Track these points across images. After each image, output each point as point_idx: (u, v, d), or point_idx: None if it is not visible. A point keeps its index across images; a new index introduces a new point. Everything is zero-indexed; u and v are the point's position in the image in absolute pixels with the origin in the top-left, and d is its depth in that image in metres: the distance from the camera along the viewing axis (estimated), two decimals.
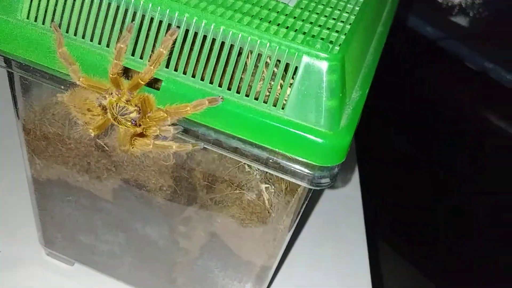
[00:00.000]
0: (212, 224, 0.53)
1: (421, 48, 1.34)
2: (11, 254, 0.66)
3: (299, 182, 0.43)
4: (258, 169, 0.52)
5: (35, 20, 0.44)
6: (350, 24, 0.44)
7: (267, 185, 0.51)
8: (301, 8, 0.44)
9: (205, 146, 0.43)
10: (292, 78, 0.40)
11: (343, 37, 0.42)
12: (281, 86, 0.41)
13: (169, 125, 0.42)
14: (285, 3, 0.44)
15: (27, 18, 0.44)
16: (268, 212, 0.51)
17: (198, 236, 0.55)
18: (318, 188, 0.43)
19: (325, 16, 0.44)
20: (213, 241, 0.55)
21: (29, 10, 0.44)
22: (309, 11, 0.44)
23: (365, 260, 0.74)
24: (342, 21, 0.44)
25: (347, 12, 0.45)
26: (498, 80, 1.27)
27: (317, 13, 0.44)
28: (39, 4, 0.44)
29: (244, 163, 0.53)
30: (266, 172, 0.52)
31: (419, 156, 1.22)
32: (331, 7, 0.46)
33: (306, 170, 0.42)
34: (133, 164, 0.51)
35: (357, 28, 0.44)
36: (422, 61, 1.33)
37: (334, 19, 0.44)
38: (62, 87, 0.45)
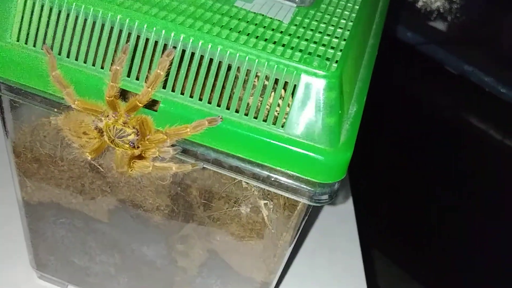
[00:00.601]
0: (210, 242, 0.53)
1: (401, 53, 1.36)
2: (1, 278, 0.64)
3: (299, 199, 0.43)
4: (256, 186, 0.51)
5: (26, 43, 0.43)
6: (344, 40, 0.44)
7: (265, 201, 0.51)
8: (296, 25, 0.44)
9: (204, 165, 0.43)
10: (291, 96, 0.40)
11: (339, 53, 0.42)
12: (280, 104, 0.41)
13: (168, 146, 0.41)
14: (280, 20, 0.44)
15: (17, 40, 0.43)
16: (268, 228, 0.50)
17: (196, 254, 0.55)
18: (318, 205, 0.43)
19: (320, 32, 0.44)
20: (212, 259, 0.54)
21: (19, 32, 0.43)
22: (304, 27, 0.44)
23: (360, 268, 0.74)
24: (336, 37, 0.44)
25: (340, 28, 0.46)
26: (478, 83, 1.29)
27: (312, 30, 0.44)
28: (29, 26, 0.43)
29: (241, 179, 0.53)
30: (264, 189, 0.52)
31: (401, 159, 1.23)
32: (324, 23, 0.46)
33: (307, 187, 0.42)
34: (129, 185, 0.50)
35: (352, 43, 0.44)
36: (402, 66, 1.34)
37: (328, 35, 0.44)
38: (56, 109, 0.44)
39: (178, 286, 0.59)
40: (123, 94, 0.43)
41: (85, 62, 0.42)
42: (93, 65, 0.42)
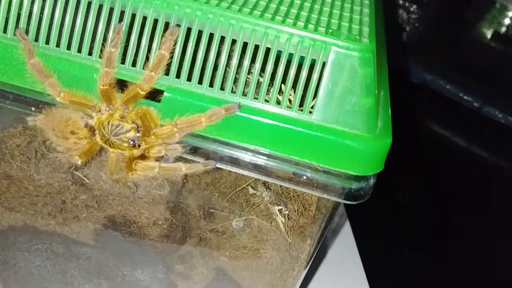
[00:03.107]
0: (218, 258, 0.45)
1: None
2: None
3: (330, 197, 0.37)
4: (267, 189, 0.45)
5: None
6: (368, 16, 0.39)
7: (280, 207, 0.44)
8: (311, 2, 0.39)
9: (218, 165, 0.36)
10: (319, 76, 0.34)
11: (366, 29, 0.37)
12: (306, 86, 0.35)
13: (176, 143, 0.34)
14: None
15: None
16: (284, 238, 0.44)
17: (200, 275, 0.47)
18: (353, 203, 0.37)
19: (340, 8, 0.39)
20: (219, 279, 0.47)
21: None
22: (321, 4, 0.39)
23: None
24: (359, 14, 0.39)
25: (359, 5, 0.41)
26: (439, 91, 1.28)
27: (330, 6, 0.39)
28: None
29: (247, 185, 0.46)
30: (277, 192, 0.45)
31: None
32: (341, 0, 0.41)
33: (340, 182, 0.36)
34: (120, 197, 0.43)
35: (374, 20, 0.39)
36: None
37: (350, 11, 0.39)
38: (33, 108, 0.37)
39: None
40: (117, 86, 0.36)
41: (68, 48, 0.35)
42: (79, 51, 0.35)
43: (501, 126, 1.15)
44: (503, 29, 1.20)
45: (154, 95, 0.36)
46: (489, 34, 1.22)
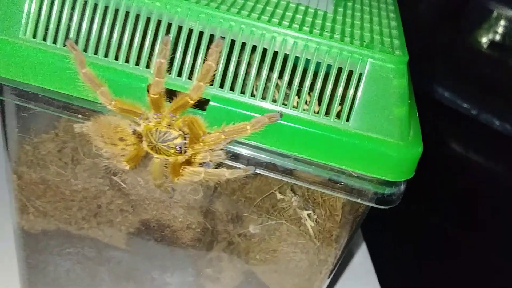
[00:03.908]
0: (248, 262, 0.47)
1: None
2: None
3: (363, 202, 0.39)
4: (295, 195, 0.47)
5: (44, 39, 0.37)
6: (396, 29, 0.41)
7: (308, 212, 0.46)
8: (342, 15, 0.41)
9: (257, 170, 0.38)
10: (355, 86, 0.36)
11: (397, 41, 0.39)
12: (343, 97, 0.37)
13: (220, 150, 0.36)
14: (324, 10, 0.41)
15: (33, 37, 0.37)
16: (313, 242, 0.46)
17: (229, 278, 0.49)
18: (385, 207, 0.39)
19: (369, 22, 0.41)
20: (248, 282, 0.48)
21: (35, 27, 0.37)
22: (350, 17, 0.41)
23: None
24: (385, 26, 0.41)
25: (386, 18, 0.43)
26: (436, 98, 1.29)
27: (360, 19, 0.41)
28: (48, 19, 0.37)
29: (275, 191, 0.48)
30: (304, 197, 0.47)
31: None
32: (368, 13, 0.43)
33: (374, 188, 0.38)
34: (156, 202, 0.44)
35: (402, 32, 0.42)
36: None
37: (379, 24, 0.41)
38: (80, 116, 0.38)
39: None
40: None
41: (116, 58, 0.37)
42: (126, 61, 0.37)
43: (498, 133, 1.17)
44: (499, 37, 1.23)
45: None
46: (485, 42, 1.25)
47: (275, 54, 0.36)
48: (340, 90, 0.36)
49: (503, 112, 1.18)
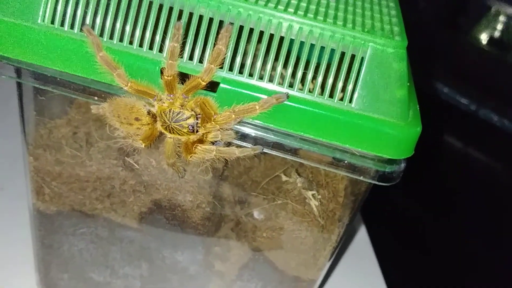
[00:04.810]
0: (255, 240, 0.49)
1: None
2: None
3: (366, 180, 0.41)
4: (300, 176, 0.49)
5: (61, 25, 0.39)
6: (396, 17, 0.43)
7: (313, 192, 0.48)
8: (344, 4, 0.43)
9: (264, 150, 0.40)
10: (357, 69, 0.38)
11: (396, 28, 0.41)
12: (346, 79, 0.39)
13: (230, 129, 0.38)
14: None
15: (51, 22, 0.39)
16: (318, 220, 0.48)
17: (237, 256, 0.51)
18: (387, 184, 0.41)
19: (370, 10, 0.43)
20: (255, 259, 0.51)
21: (54, 13, 0.39)
22: (352, 6, 0.43)
23: None
24: (385, 14, 0.43)
25: (386, 7, 0.45)
26: (435, 95, 1.31)
27: (362, 8, 0.43)
28: (65, 7, 0.39)
29: (280, 173, 0.50)
30: (309, 179, 0.49)
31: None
32: (370, 3, 0.45)
33: (376, 166, 0.40)
34: (167, 182, 0.46)
35: (401, 20, 0.43)
36: None
37: (379, 13, 0.43)
38: (96, 98, 0.40)
39: None
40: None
41: (130, 43, 0.39)
42: (140, 46, 0.39)
43: (497, 129, 1.19)
44: (498, 34, 1.24)
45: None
46: (484, 39, 1.26)
47: (281, 39, 0.38)
48: (343, 73, 0.38)
49: (502, 108, 1.20)
